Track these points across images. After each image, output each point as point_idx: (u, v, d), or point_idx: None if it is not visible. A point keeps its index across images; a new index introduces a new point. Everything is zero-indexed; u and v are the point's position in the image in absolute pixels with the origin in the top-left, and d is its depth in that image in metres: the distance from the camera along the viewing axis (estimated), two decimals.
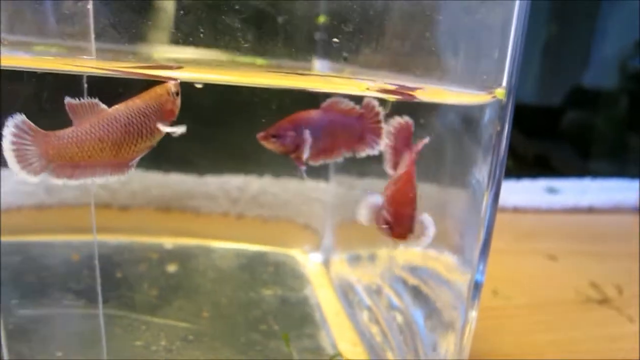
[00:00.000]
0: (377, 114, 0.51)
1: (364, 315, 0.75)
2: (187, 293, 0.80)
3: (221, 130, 0.92)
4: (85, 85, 0.52)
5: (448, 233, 0.56)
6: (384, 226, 0.47)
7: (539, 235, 1.30)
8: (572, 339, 0.85)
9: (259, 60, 0.58)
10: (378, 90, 0.51)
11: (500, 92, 0.48)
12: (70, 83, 0.60)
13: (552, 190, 1.51)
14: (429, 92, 0.52)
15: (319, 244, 0.97)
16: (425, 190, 0.50)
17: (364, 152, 0.53)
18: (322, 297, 0.82)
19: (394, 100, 0.50)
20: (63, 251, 0.84)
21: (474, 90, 0.51)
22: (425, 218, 0.48)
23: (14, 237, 0.87)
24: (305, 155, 0.50)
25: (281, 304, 0.79)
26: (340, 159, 0.53)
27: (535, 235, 1.28)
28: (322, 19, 0.64)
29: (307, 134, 0.50)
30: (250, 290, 0.82)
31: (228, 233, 1.00)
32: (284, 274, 0.88)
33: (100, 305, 0.64)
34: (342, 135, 0.52)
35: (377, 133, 0.51)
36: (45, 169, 0.45)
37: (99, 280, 0.63)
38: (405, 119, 0.51)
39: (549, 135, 1.76)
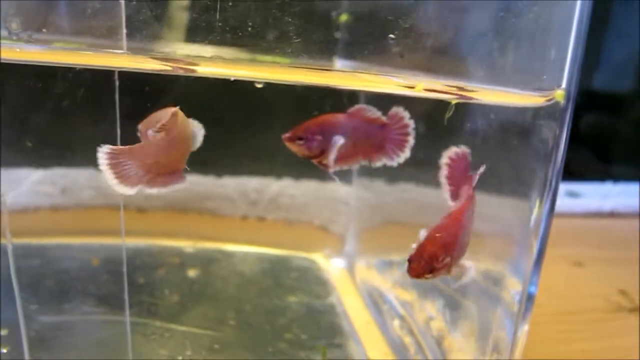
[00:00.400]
0: (405, 126, 0.49)
1: (396, 325, 0.72)
2: (211, 299, 0.77)
3: (239, 131, 0.90)
4: (117, 83, 0.50)
5: (493, 244, 0.53)
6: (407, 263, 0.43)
7: (562, 240, 1.26)
8: (606, 348, 0.83)
9: (280, 59, 0.56)
10: (434, 91, 0.48)
11: (559, 94, 0.46)
12: (99, 80, 0.57)
13: (572, 195, 1.48)
14: (484, 93, 0.49)
15: (340, 249, 0.95)
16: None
17: (381, 162, 0.50)
18: (348, 304, 0.79)
19: (456, 102, 0.47)
20: (82, 255, 0.82)
21: (529, 91, 0.48)
22: (467, 263, 0.45)
23: (31, 239, 0.85)
24: (331, 161, 0.48)
25: (307, 312, 0.77)
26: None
27: (558, 241, 1.23)
28: (344, 18, 0.62)
29: (335, 140, 0.48)
30: (275, 296, 0.80)
31: (247, 236, 0.97)
32: (307, 280, 0.86)
33: (127, 312, 0.62)
34: (363, 143, 0.50)
35: (400, 145, 0.49)
36: (142, 180, 0.44)
37: (126, 288, 0.61)
38: (462, 149, 0.48)
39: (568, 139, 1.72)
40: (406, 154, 0.49)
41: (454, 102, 0.47)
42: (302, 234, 0.98)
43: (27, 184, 0.93)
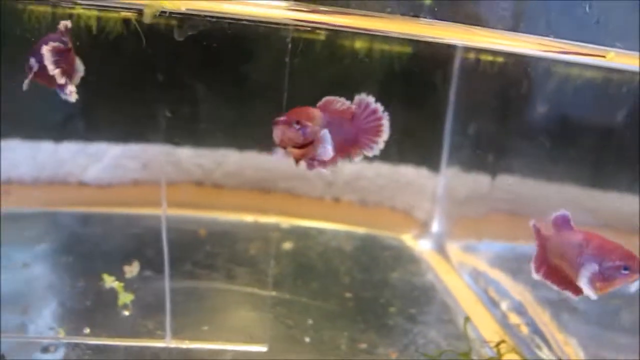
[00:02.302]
0: (374, 111, 0.44)
1: (504, 306, 0.73)
2: (314, 272, 0.79)
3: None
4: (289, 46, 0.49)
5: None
6: (624, 271, 0.41)
7: None
8: None
9: None
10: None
11: None
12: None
13: None
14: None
15: (424, 230, 0.95)
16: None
17: (360, 157, 0.45)
18: (449, 283, 0.80)
19: None
20: (185, 226, 0.83)
21: None
22: None
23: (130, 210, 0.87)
24: (328, 154, 0.43)
25: (410, 288, 0.77)
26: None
27: None
28: (428, 1, 0.61)
29: (324, 133, 0.43)
30: (375, 272, 0.81)
31: (328, 215, 0.97)
32: (401, 258, 0.87)
33: (270, 284, 0.62)
34: (339, 139, 0.43)
35: (374, 132, 0.45)
36: None
37: (271, 264, 0.61)
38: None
39: None
40: (384, 138, 0.45)
41: None
42: (381, 215, 0.98)
43: (108, 159, 0.94)
